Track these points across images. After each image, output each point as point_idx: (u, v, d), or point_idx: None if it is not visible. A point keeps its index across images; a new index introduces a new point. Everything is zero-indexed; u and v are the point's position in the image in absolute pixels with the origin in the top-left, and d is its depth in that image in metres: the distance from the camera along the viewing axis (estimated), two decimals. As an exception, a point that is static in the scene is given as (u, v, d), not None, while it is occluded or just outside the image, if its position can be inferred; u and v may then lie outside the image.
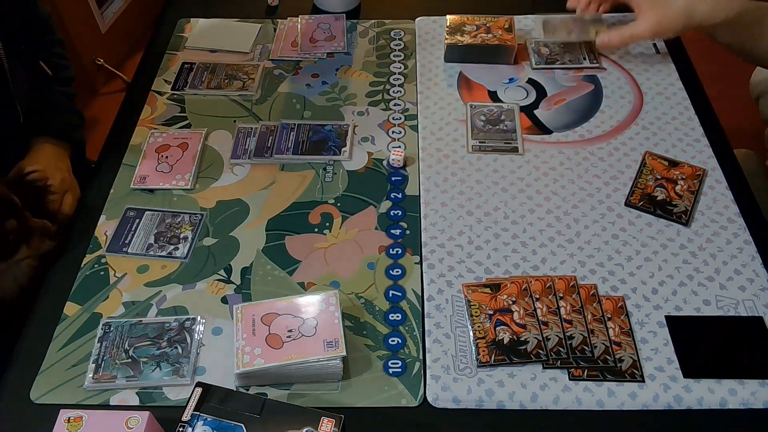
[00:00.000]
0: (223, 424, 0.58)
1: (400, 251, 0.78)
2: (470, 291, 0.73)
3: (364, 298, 0.74)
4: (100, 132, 1.95)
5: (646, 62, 1.01)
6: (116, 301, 0.74)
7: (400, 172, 0.87)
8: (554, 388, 0.66)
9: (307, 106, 0.96)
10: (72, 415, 0.60)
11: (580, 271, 0.75)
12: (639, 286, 0.74)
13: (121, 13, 2.15)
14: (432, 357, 0.69)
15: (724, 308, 0.72)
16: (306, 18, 1.11)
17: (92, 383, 0.67)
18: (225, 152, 0.90)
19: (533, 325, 0.70)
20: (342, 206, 0.83)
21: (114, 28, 2.12)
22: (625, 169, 0.86)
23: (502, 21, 1.03)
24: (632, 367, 0.67)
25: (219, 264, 0.78)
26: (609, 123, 0.92)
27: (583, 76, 0.99)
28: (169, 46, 1.08)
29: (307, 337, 0.66)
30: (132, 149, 0.91)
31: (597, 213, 0.81)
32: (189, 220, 0.82)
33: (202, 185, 0.86)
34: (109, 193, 0.86)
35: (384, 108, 0.96)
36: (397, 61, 1.03)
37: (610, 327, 0.70)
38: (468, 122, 0.92)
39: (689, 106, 0.94)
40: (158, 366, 0.68)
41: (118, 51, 2.17)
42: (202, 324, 0.72)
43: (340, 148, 0.90)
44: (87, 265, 0.78)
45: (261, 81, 1.01)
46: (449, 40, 1.01)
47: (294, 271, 0.77)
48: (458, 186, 0.85)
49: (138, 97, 0.99)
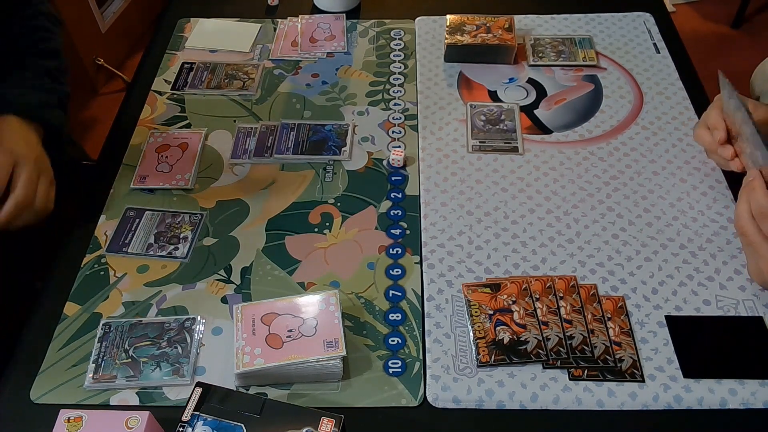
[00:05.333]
0: (223, 424, 0.58)
1: (400, 251, 0.78)
2: (470, 291, 0.73)
3: (364, 298, 0.74)
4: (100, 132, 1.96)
5: (646, 62, 1.01)
6: (116, 301, 0.74)
7: (400, 172, 0.87)
8: (554, 388, 0.66)
9: (307, 106, 0.96)
10: (72, 415, 0.60)
11: (580, 271, 0.75)
12: (639, 286, 0.74)
13: (121, 13, 2.15)
14: (432, 357, 0.69)
15: (724, 308, 0.72)
16: (306, 18, 1.11)
17: (92, 383, 0.67)
18: (225, 152, 0.90)
19: (533, 325, 0.70)
20: (342, 206, 0.83)
21: (114, 28, 2.12)
22: (625, 169, 0.86)
23: (502, 21, 1.03)
24: (632, 367, 0.67)
25: (219, 264, 0.78)
26: (609, 123, 0.92)
27: (583, 76, 0.99)
28: (169, 46, 1.08)
29: (307, 337, 0.66)
30: (132, 149, 0.91)
31: (597, 213, 0.81)
32: (189, 220, 0.82)
33: (202, 185, 0.86)
34: (109, 193, 0.86)
35: (384, 108, 0.96)
36: (397, 61, 1.03)
37: (610, 327, 0.70)
38: (468, 122, 0.92)
39: (689, 106, 0.94)
40: (158, 366, 0.68)
41: (118, 51, 2.17)
42: (202, 324, 0.72)
43: (340, 148, 0.90)
44: (87, 265, 0.78)
45: (261, 81, 1.01)
46: (449, 39, 1.01)
47: (294, 271, 0.77)
48: (458, 186, 0.85)
49: (138, 97, 0.99)
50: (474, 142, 0.90)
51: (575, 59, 1.01)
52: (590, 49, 1.02)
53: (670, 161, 0.87)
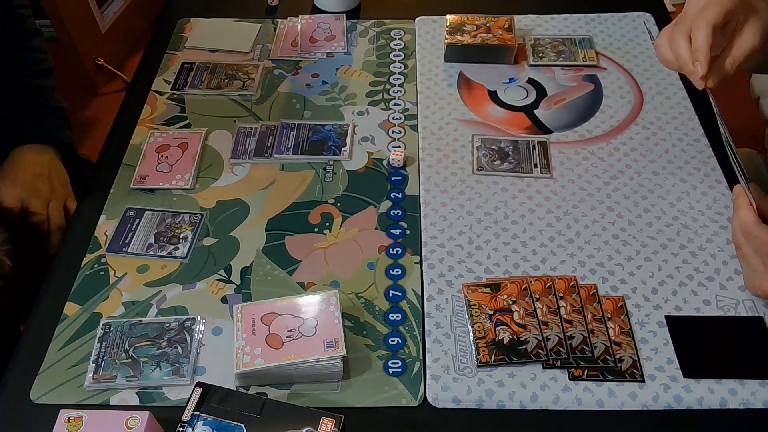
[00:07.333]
0: (223, 424, 0.58)
1: (400, 251, 0.78)
2: (470, 291, 0.73)
3: (364, 298, 0.74)
4: (100, 132, 1.96)
5: (646, 62, 1.01)
6: (116, 301, 0.74)
7: (400, 172, 0.87)
8: (554, 388, 0.66)
9: (307, 106, 0.96)
10: (72, 415, 0.60)
11: (580, 271, 0.75)
12: (639, 286, 0.74)
13: (121, 13, 2.15)
14: (432, 357, 0.69)
15: (724, 308, 0.72)
16: (306, 18, 1.11)
17: (92, 383, 0.67)
18: (225, 152, 0.90)
19: (533, 325, 0.70)
20: (342, 206, 0.83)
21: (114, 28, 2.12)
22: (625, 169, 0.86)
23: (502, 21, 1.03)
24: (632, 367, 0.67)
25: (219, 264, 0.78)
26: (609, 123, 0.92)
27: (583, 76, 0.99)
28: (169, 46, 1.08)
29: (307, 337, 0.66)
30: (132, 149, 0.91)
31: (597, 213, 0.81)
32: (189, 220, 0.82)
33: (202, 185, 0.86)
34: (109, 193, 0.86)
35: (384, 108, 0.96)
36: (397, 61, 1.03)
37: (610, 327, 0.70)
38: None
39: (689, 106, 0.94)
40: (158, 366, 0.68)
41: (118, 51, 2.17)
42: (202, 324, 0.72)
43: (340, 148, 0.90)
44: (87, 265, 0.78)
45: (261, 81, 1.01)
46: (449, 39, 1.01)
47: (294, 271, 0.77)
48: (458, 186, 0.85)
49: (138, 97, 0.99)
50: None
51: (575, 59, 1.01)
52: (590, 49, 1.02)
53: (670, 161, 0.87)
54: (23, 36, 0.98)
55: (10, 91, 0.95)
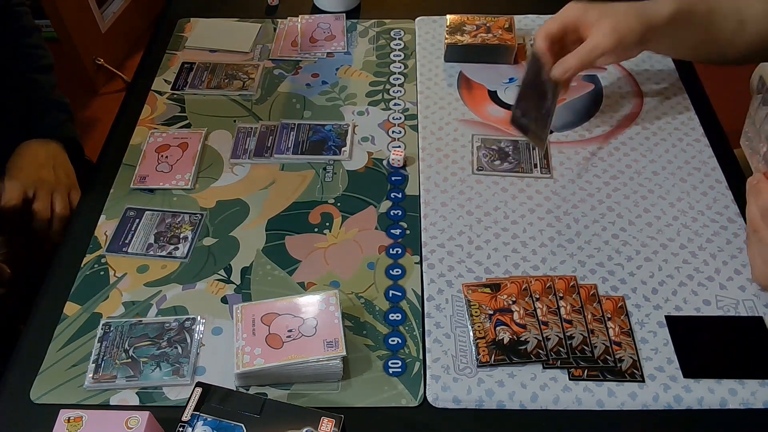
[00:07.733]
0: (223, 424, 0.58)
1: (400, 251, 0.78)
2: (470, 291, 0.73)
3: (364, 298, 0.74)
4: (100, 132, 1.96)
5: (646, 62, 1.01)
6: (116, 301, 0.74)
7: (400, 172, 0.87)
8: (554, 388, 0.66)
9: (307, 106, 0.96)
10: (72, 415, 0.60)
11: (580, 271, 0.75)
12: (639, 286, 0.74)
13: (121, 13, 2.16)
14: (432, 357, 0.69)
15: (724, 308, 0.72)
16: (306, 18, 1.11)
17: (92, 383, 0.67)
18: (225, 152, 0.90)
19: (533, 325, 0.70)
20: (342, 206, 0.83)
21: (114, 28, 2.13)
22: (625, 169, 0.86)
23: (502, 21, 1.03)
24: (632, 367, 0.67)
25: (219, 264, 0.78)
26: (609, 123, 0.92)
27: (583, 76, 0.99)
28: (169, 46, 1.07)
29: (307, 337, 0.66)
30: (132, 149, 0.91)
31: (597, 213, 0.81)
32: (189, 220, 0.82)
33: (202, 185, 0.86)
34: (109, 193, 0.86)
35: (384, 108, 0.96)
36: (397, 61, 1.03)
37: (610, 327, 0.70)
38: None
39: (689, 106, 0.94)
40: (158, 366, 0.68)
41: (118, 51, 2.17)
42: (202, 324, 0.72)
43: (340, 148, 0.90)
44: (87, 265, 0.78)
45: (261, 81, 1.01)
46: (449, 39, 1.01)
47: (294, 271, 0.77)
48: (458, 186, 0.85)
49: (138, 97, 0.99)
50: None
51: None
52: None
53: (670, 161, 0.87)
54: (21, 33, 1.00)
55: (12, 88, 0.95)
